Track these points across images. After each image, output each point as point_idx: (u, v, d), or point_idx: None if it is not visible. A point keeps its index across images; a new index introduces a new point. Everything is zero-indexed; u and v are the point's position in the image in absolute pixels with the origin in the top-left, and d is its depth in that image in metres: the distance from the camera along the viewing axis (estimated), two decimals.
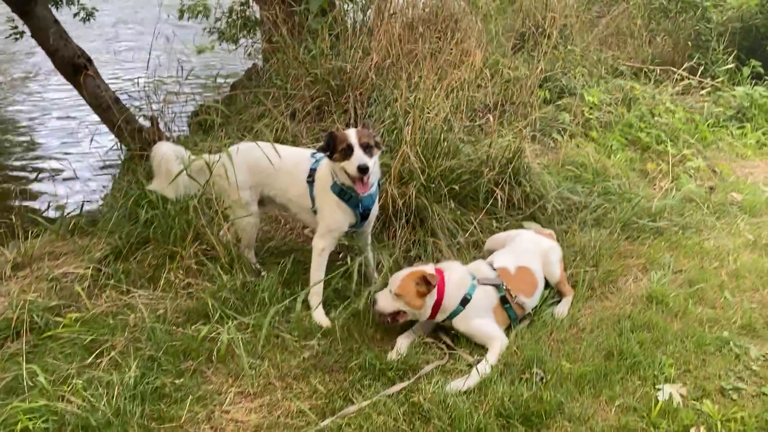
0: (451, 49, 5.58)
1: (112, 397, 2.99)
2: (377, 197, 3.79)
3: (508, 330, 3.55)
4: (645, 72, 7.57)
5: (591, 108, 6.29)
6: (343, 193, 3.58)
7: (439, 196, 4.23)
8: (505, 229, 4.27)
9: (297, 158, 3.86)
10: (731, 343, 3.44)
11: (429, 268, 3.48)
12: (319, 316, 3.62)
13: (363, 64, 5.29)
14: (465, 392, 3.06)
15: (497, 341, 3.39)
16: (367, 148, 3.46)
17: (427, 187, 4.21)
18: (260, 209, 4.00)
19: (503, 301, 3.53)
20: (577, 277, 4.02)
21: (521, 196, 4.52)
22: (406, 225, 4.17)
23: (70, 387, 3.12)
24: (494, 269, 3.64)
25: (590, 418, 2.93)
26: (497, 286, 3.54)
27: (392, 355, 3.31)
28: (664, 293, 3.83)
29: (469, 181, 4.42)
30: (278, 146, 3.86)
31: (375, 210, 3.80)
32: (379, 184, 3.80)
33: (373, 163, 3.50)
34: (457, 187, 4.30)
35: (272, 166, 3.77)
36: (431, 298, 3.41)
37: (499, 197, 4.39)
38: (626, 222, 4.62)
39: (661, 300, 3.80)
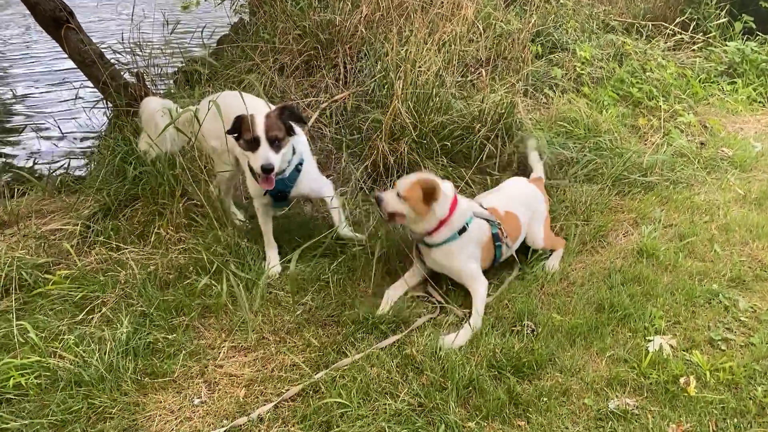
0: (443, 2, 5.46)
1: (105, 353, 2.99)
2: (303, 176, 3.61)
3: (489, 276, 3.53)
4: (636, 27, 7.47)
5: (583, 63, 6.21)
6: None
7: (431, 152, 4.19)
8: (496, 185, 4.26)
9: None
10: (720, 295, 3.47)
11: (446, 185, 3.43)
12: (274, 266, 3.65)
13: (352, 17, 5.19)
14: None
15: (480, 285, 3.39)
16: (275, 142, 3.26)
17: (418, 142, 4.16)
18: None
19: (494, 238, 3.52)
20: (568, 232, 4.03)
21: (513, 152, 4.48)
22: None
23: (61, 343, 3.12)
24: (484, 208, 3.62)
25: (581, 369, 2.97)
26: (491, 222, 3.52)
27: (384, 308, 3.32)
28: (654, 247, 3.85)
29: (461, 137, 4.38)
30: (249, 100, 3.61)
31: (304, 188, 3.66)
32: (299, 165, 3.57)
33: (282, 155, 3.33)
34: (449, 143, 4.26)
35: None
36: (441, 212, 3.36)
37: (490, 153, 4.35)
38: (617, 177, 4.62)
39: (651, 254, 3.82)
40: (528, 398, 2.78)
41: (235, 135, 3.34)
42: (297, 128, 3.47)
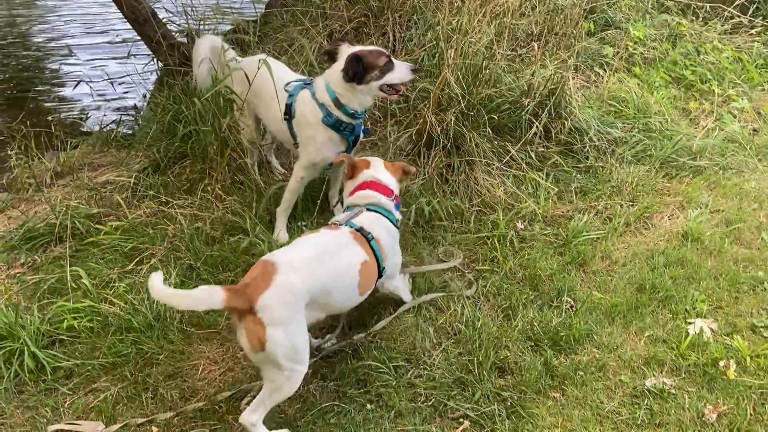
0: None
1: (153, 302, 3.10)
2: None
3: None
4: (693, 8, 7.25)
5: (635, 43, 6.07)
6: (338, 123, 3.47)
7: (478, 124, 4.17)
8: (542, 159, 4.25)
9: (275, 92, 3.64)
10: (765, 282, 3.42)
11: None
12: (281, 235, 3.65)
13: None
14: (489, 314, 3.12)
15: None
16: None
17: (465, 114, 4.14)
18: None
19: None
20: (613, 211, 3.99)
21: (560, 129, 4.44)
22: (442, 151, 4.13)
23: (112, 290, 3.24)
24: None
25: (619, 347, 2.97)
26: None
27: None
28: (700, 231, 3.80)
29: (509, 111, 4.35)
30: (277, 68, 3.67)
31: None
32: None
33: None
34: (496, 117, 4.23)
35: (256, 87, 3.72)
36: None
37: (538, 129, 4.31)
38: (666, 159, 4.54)
39: (696, 238, 3.77)
40: (564, 371, 2.81)
41: (356, 72, 3.33)
42: None
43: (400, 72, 3.42)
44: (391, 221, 2.97)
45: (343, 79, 3.37)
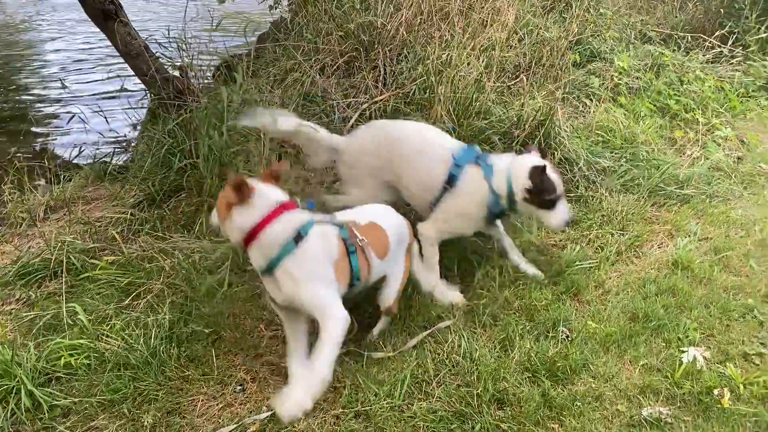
0: (483, 7, 5.51)
1: (150, 338, 3.09)
2: None
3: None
4: (675, 39, 7.45)
5: (620, 73, 6.22)
6: (501, 213, 3.50)
7: None
8: None
9: (430, 154, 3.54)
10: (755, 310, 3.48)
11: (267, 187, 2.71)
12: (451, 295, 3.48)
13: (393, 20, 5.25)
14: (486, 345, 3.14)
15: (334, 319, 2.69)
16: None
17: None
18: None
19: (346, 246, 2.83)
20: (604, 241, 4.06)
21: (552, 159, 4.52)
22: None
23: (108, 326, 3.22)
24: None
25: (614, 376, 3.00)
26: (339, 227, 2.86)
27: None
28: (689, 259, 3.86)
29: (500, 142, 4.43)
30: (431, 133, 3.65)
31: None
32: None
33: None
34: (489, 148, 4.31)
35: (398, 152, 3.58)
36: (241, 216, 2.65)
37: None
38: (654, 188, 4.63)
39: (686, 266, 3.83)
40: (562, 402, 2.82)
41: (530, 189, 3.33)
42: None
43: (558, 216, 3.42)
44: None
45: (527, 191, 3.36)
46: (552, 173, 3.38)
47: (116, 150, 5.41)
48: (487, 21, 5.44)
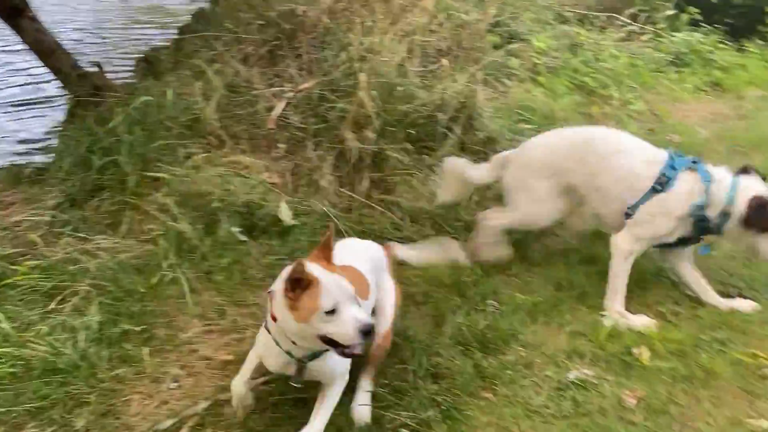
0: None
1: (78, 341, 3.02)
2: None
3: None
4: (590, 18, 7.72)
5: (539, 53, 6.42)
6: (703, 223, 3.30)
7: (397, 139, 4.30)
8: None
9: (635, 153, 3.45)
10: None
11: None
12: (640, 320, 3.30)
13: (315, 7, 5.24)
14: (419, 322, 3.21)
15: (343, 380, 2.62)
16: None
17: (383, 131, 4.26)
18: None
19: None
20: None
21: (474, 140, 4.63)
22: (363, 168, 4.23)
23: (33, 333, 3.12)
24: None
25: (543, 344, 3.14)
26: None
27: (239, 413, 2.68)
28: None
29: (425, 125, 4.50)
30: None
31: None
32: None
33: None
34: (413, 131, 4.37)
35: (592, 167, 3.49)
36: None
37: (452, 140, 4.48)
38: None
39: (606, 236, 4.00)
40: (494, 371, 2.93)
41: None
42: None
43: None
44: None
45: (746, 220, 3.23)
46: None
47: (31, 151, 5.19)
48: (407, 6, 5.50)
